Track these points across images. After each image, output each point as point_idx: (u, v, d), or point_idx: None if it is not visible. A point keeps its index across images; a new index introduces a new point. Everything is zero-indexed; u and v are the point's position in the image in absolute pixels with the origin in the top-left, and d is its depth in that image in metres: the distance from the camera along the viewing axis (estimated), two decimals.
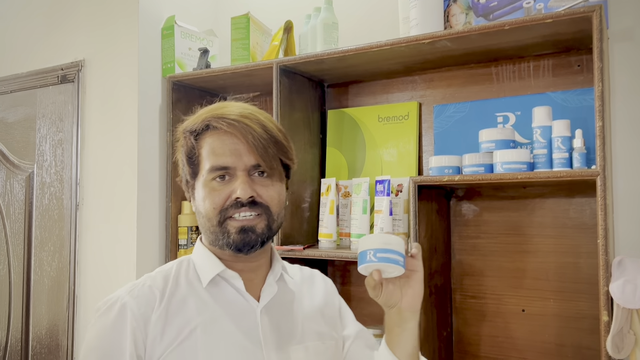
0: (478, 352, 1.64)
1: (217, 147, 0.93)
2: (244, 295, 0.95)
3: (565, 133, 1.31)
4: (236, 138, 0.92)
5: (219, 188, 0.92)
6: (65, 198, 1.99)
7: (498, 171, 1.35)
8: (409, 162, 1.73)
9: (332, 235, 1.65)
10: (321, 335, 1.02)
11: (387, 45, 1.50)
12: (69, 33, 2.03)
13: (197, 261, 0.98)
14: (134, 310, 0.88)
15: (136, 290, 0.91)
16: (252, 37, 1.83)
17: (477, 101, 1.64)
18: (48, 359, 1.98)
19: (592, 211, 1.50)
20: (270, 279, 1.00)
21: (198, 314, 0.91)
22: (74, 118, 1.98)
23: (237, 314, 0.94)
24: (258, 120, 0.94)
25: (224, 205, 0.92)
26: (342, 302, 1.13)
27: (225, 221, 0.92)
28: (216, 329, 0.90)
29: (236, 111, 0.94)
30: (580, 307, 1.50)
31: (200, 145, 0.95)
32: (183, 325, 0.89)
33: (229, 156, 0.92)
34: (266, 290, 0.98)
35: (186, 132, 0.97)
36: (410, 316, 0.94)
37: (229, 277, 0.96)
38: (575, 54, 1.53)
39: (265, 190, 0.94)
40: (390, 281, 0.93)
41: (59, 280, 1.98)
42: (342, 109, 1.88)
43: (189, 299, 0.92)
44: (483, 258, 1.64)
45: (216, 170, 0.92)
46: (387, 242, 0.87)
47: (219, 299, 0.94)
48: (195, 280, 0.95)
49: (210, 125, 0.94)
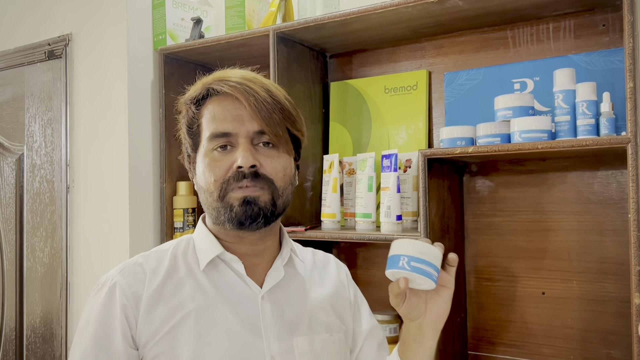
0: (494, 339, 1.53)
1: (217, 113, 0.86)
2: (245, 279, 0.88)
3: (591, 97, 1.18)
4: (239, 102, 0.84)
5: (219, 158, 0.85)
6: (56, 180, 1.89)
7: (516, 141, 1.22)
8: (418, 136, 1.61)
9: (335, 215, 1.54)
10: (329, 326, 0.93)
11: (392, 6, 1.37)
12: (55, 5, 1.91)
13: (197, 242, 0.92)
14: (124, 288, 0.84)
15: (127, 268, 0.87)
16: (247, 4, 1.71)
17: (491, 67, 1.50)
18: (43, 348, 1.90)
19: (619, 184, 1.37)
20: (277, 263, 0.92)
21: (193, 299, 0.85)
22: (63, 96, 1.87)
23: (236, 300, 0.86)
24: (262, 84, 0.86)
25: (225, 177, 0.83)
26: (357, 293, 1.05)
27: (227, 195, 0.84)
28: (211, 316, 0.83)
29: (238, 74, 0.87)
30: (606, 289, 1.38)
31: (201, 114, 0.88)
32: (176, 308, 0.84)
33: (230, 122, 0.84)
34: (271, 275, 0.90)
35: (187, 101, 0.90)
36: (430, 334, 0.85)
37: (228, 260, 0.89)
38: (600, 12, 1.39)
39: (269, 162, 0.85)
40: (415, 293, 0.84)
41: (51, 266, 1.89)
42: (345, 80, 1.76)
43: (185, 281, 0.87)
44: (499, 238, 1.52)
45: (216, 138, 0.85)
46: (424, 252, 0.80)
47: (217, 284, 0.87)
48: (194, 263, 0.90)
49: (211, 89, 0.86)
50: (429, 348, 0.86)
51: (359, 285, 1.70)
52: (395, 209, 1.40)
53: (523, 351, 1.49)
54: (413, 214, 1.50)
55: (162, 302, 0.84)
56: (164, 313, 0.83)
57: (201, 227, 0.93)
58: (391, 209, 1.41)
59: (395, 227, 1.41)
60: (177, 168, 1.83)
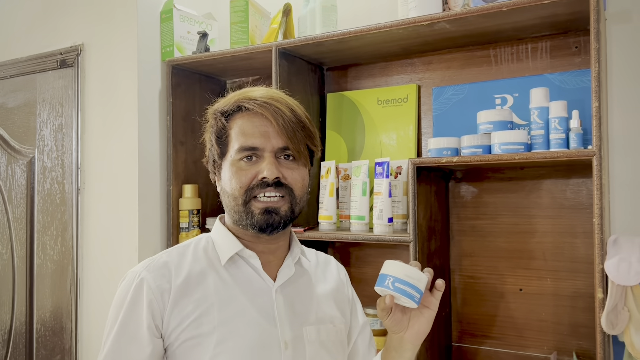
0: (477, 331, 1.67)
1: (246, 128, 0.95)
2: (261, 274, 0.99)
3: (562, 114, 1.32)
4: (266, 120, 0.95)
5: (245, 168, 0.95)
6: (66, 182, 2.00)
7: (496, 152, 1.36)
8: (408, 145, 1.74)
9: (332, 217, 1.67)
10: (332, 318, 1.05)
11: (385, 28, 1.51)
12: (68, 17, 2.03)
13: (216, 240, 1.02)
14: (150, 284, 0.93)
15: (152, 265, 0.96)
16: (251, 20, 1.83)
17: (475, 83, 1.65)
18: (52, 340, 2.01)
19: (588, 191, 1.52)
20: (288, 261, 1.03)
21: (216, 291, 0.94)
22: (74, 103, 1.98)
23: (254, 292, 0.97)
24: (287, 104, 0.97)
25: (250, 185, 0.94)
26: (354, 292, 1.17)
27: (250, 201, 0.95)
28: (233, 306, 0.94)
29: (266, 94, 0.98)
30: (576, 286, 1.53)
31: (230, 126, 0.97)
32: (201, 299, 0.93)
33: (258, 137, 0.94)
34: (283, 271, 1.01)
35: (217, 112, 1.00)
36: (409, 347, 0.96)
37: (247, 257, 0.99)
38: (572, 35, 1.54)
39: (290, 173, 0.96)
40: (401, 309, 0.94)
41: (62, 263, 2.00)
42: (341, 92, 1.89)
43: (208, 275, 0.96)
44: (481, 239, 1.66)
45: (244, 151, 0.95)
46: (409, 275, 0.88)
47: (236, 277, 0.97)
48: (215, 258, 0.99)
49: (242, 107, 0.97)
50: (407, 359, 0.97)
51: (352, 282, 1.84)
52: (386, 212, 1.54)
53: (502, 342, 1.63)
54: (403, 217, 1.63)
55: (188, 294, 0.93)
56: (190, 303, 0.92)
57: (220, 227, 1.03)
58: (383, 212, 1.54)
59: (387, 229, 1.54)
60: (183, 171, 1.95)
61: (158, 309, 0.92)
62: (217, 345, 0.90)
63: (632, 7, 1.48)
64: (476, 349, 1.67)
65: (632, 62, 1.49)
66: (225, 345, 0.90)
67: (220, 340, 0.90)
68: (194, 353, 0.90)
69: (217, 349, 0.90)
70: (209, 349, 0.90)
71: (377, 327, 1.66)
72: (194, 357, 0.90)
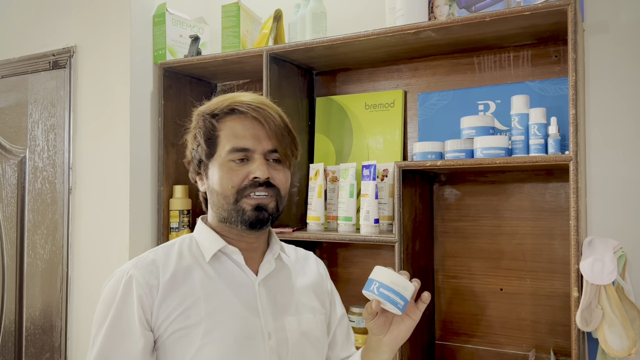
0: (459, 330, 1.72)
1: (239, 130, 1.00)
2: (244, 269, 1.04)
3: (541, 120, 1.38)
4: (258, 123, 1.00)
5: (236, 168, 1.00)
6: (58, 182, 2.03)
7: (478, 156, 1.42)
8: (394, 148, 1.80)
9: (320, 218, 1.72)
10: (313, 309, 1.11)
11: (373, 35, 1.56)
12: (61, 19, 2.05)
13: (199, 239, 1.06)
14: (139, 280, 0.97)
15: (140, 263, 1.00)
16: (242, 25, 1.87)
17: (459, 89, 1.70)
18: (42, 339, 2.03)
19: (566, 195, 1.58)
20: (268, 256, 1.08)
21: (202, 285, 0.99)
22: (66, 103, 2.01)
23: (237, 286, 1.02)
24: (276, 110, 1.04)
25: (241, 185, 0.99)
26: (333, 285, 1.23)
27: (241, 200, 1.00)
28: (218, 299, 0.99)
29: (257, 99, 1.04)
30: (554, 286, 1.59)
31: (220, 128, 1.02)
32: (188, 293, 0.97)
33: (249, 139, 1.00)
34: (264, 266, 1.06)
35: (205, 114, 1.04)
36: (386, 350, 1.03)
37: (230, 253, 1.04)
38: (552, 45, 1.60)
39: (277, 174, 1.02)
40: (384, 314, 1.01)
41: (52, 262, 2.02)
42: (330, 96, 1.94)
43: (193, 271, 1.01)
44: (464, 240, 1.72)
45: (236, 152, 1.00)
46: (395, 282, 0.93)
47: (221, 272, 1.02)
48: (199, 256, 1.04)
49: (235, 109, 1.01)
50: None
51: (339, 282, 1.89)
52: (373, 214, 1.59)
53: (483, 340, 1.69)
54: (389, 218, 1.68)
55: (175, 289, 0.97)
56: (178, 297, 0.97)
57: (203, 226, 1.08)
58: (370, 213, 1.59)
59: (373, 230, 1.59)
60: (174, 172, 1.98)
61: (148, 303, 0.96)
62: (204, 336, 0.95)
63: (609, 18, 1.55)
64: (458, 347, 1.72)
65: (609, 71, 1.55)
66: (212, 335, 0.95)
67: (207, 331, 0.95)
68: (182, 343, 0.95)
69: (205, 339, 0.95)
70: (196, 340, 0.95)
71: (362, 325, 1.71)
72: (182, 348, 0.95)
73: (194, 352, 0.94)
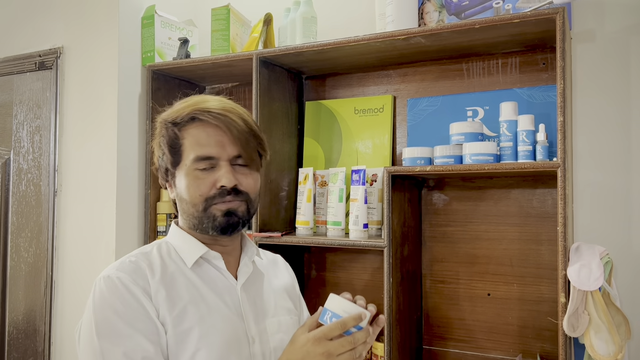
0: (446, 334, 1.73)
1: (202, 138, 0.99)
2: (225, 274, 1.04)
3: (529, 127, 1.40)
4: (221, 130, 0.99)
5: (202, 177, 0.98)
6: (43, 184, 2.00)
7: (467, 162, 1.43)
8: (383, 153, 1.80)
9: (309, 222, 1.71)
10: (289, 310, 1.12)
11: (363, 40, 1.56)
12: (48, 19, 2.03)
13: (176, 244, 1.04)
14: (130, 280, 0.94)
15: (123, 266, 0.96)
16: (232, 29, 1.87)
17: (448, 95, 1.71)
18: (25, 343, 2.00)
19: (553, 201, 1.60)
20: (245, 260, 1.08)
21: (188, 291, 0.98)
22: (52, 105, 1.99)
23: (220, 290, 1.01)
24: (239, 114, 1.02)
25: (209, 193, 0.98)
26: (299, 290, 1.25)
27: (210, 207, 0.99)
28: (206, 304, 0.98)
29: (219, 105, 1.02)
30: (541, 291, 1.60)
31: (183, 136, 1.00)
32: (176, 299, 0.96)
33: (214, 147, 0.99)
34: (243, 270, 1.06)
35: (167, 122, 1.02)
36: None
37: (211, 258, 1.03)
38: (540, 52, 1.62)
39: (245, 179, 1.01)
40: None
41: (36, 266, 1.99)
42: (319, 100, 1.94)
43: (177, 277, 0.99)
44: (452, 245, 1.73)
45: (201, 160, 0.98)
46: (347, 312, 0.91)
47: (203, 278, 1.01)
48: (179, 261, 1.02)
49: (196, 118, 1.00)
50: None
51: (327, 286, 1.89)
52: (362, 218, 1.59)
53: (471, 345, 1.69)
54: (378, 223, 1.68)
55: (165, 292, 0.95)
56: (167, 303, 0.95)
57: (179, 231, 1.06)
58: (359, 218, 1.59)
59: (362, 234, 1.59)
60: None
61: (149, 296, 0.93)
62: (198, 341, 0.94)
63: (596, 27, 1.57)
64: (445, 352, 1.73)
65: (596, 79, 1.57)
66: (206, 340, 0.95)
67: (201, 336, 0.94)
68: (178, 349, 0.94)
69: (199, 344, 0.94)
70: (191, 345, 0.94)
71: None
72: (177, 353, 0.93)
73: (188, 357, 0.93)
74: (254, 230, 1.69)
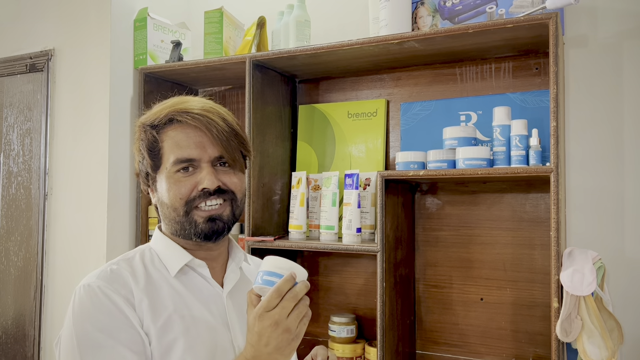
0: (439, 339, 1.72)
1: (181, 140, 0.96)
2: (210, 282, 1.00)
3: (522, 132, 1.40)
4: (200, 131, 0.96)
5: (183, 179, 0.95)
6: (33, 188, 1.98)
7: (460, 167, 1.43)
8: (376, 157, 1.80)
9: (302, 226, 1.71)
10: None
11: (357, 44, 1.56)
12: (39, 21, 2.01)
13: (160, 251, 1.01)
14: (111, 289, 0.90)
15: (104, 274, 0.93)
16: (225, 32, 1.86)
17: (441, 100, 1.71)
18: (14, 348, 1.98)
19: (546, 206, 1.60)
20: (232, 266, 1.05)
21: (173, 301, 0.94)
22: (43, 107, 1.97)
23: (206, 299, 0.98)
24: (219, 114, 0.99)
25: (190, 196, 0.95)
26: None
27: (191, 211, 0.96)
28: (192, 314, 0.95)
29: (198, 105, 0.99)
30: (534, 296, 1.60)
31: (162, 139, 0.97)
32: (161, 309, 0.92)
33: (194, 148, 0.96)
34: (229, 277, 1.03)
35: (146, 126, 0.99)
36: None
37: (195, 266, 1.00)
38: (533, 57, 1.62)
39: (228, 178, 0.98)
40: None
41: (26, 270, 1.97)
42: (312, 104, 1.94)
43: (161, 286, 0.95)
44: (445, 249, 1.72)
45: (181, 163, 0.95)
46: (279, 266, 0.87)
47: (188, 286, 0.98)
48: (163, 269, 0.98)
49: (175, 119, 0.97)
50: None
51: (320, 290, 1.88)
52: (355, 223, 1.58)
53: (464, 350, 1.69)
54: (371, 227, 1.68)
55: (149, 302, 0.92)
56: (151, 311, 0.91)
57: (162, 237, 1.02)
58: (352, 222, 1.58)
59: (355, 239, 1.58)
60: None
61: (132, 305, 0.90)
62: (184, 352, 0.91)
63: (588, 32, 1.58)
64: (439, 357, 1.72)
65: (588, 83, 1.58)
66: (192, 351, 0.92)
67: (187, 347, 0.91)
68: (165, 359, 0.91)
69: (185, 355, 0.91)
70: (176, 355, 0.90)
71: (342, 334, 1.70)
72: None
73: None
74: (247, 235, 1.68)
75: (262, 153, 1.75)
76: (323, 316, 1.88)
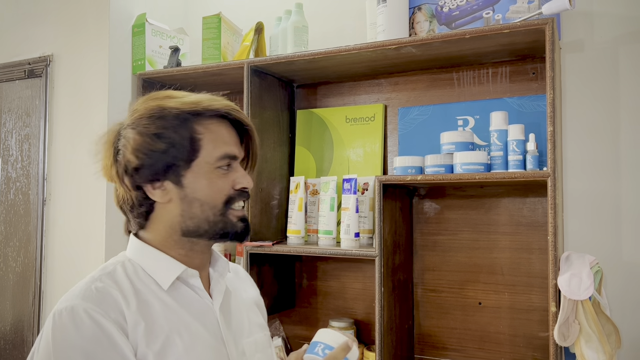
0: (438, 343, 1.72)
1: (225, 136, 0.92)
2: (201, 293, 0.93)
3: (519, 136, 1.40)
4: (232, 129, 0.95)
5: (224, 176, 0.92)
6: (32, 193, 1.98)
7: (457, 171, 1.43)
8: (374, 162, 1.80)
9: (300, 231, 1.71)
10: (261, 326, 1.05)
11: (355, 50, 1.57)
12: (37, 27, 2.02)
13: (144, 263, 0.91)
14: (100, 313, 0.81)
15: (89, 293, 0.83)
16: (223, 37, 1.87)
17: (439, 105, 1.72)
18: (12, 354, 1.97)
19: (543, 210, 1.60)
20: (215, 276, 0.98)
21: (167, 319, 0.87)
22: (42, 113, 1.97)
23: (198, 313, 0.92)
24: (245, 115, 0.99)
25: (230, 193, 0.92)
26: None
27: (227, 211, 0.92)
28: (189, 332, 0.88)
29: (229, 103, 0.95)
30: (531, 300, 1.60)
31: (201, 131, 0.90)
32: (157, 330, 0.85)
33: (234, 145, 0.93)
34: (216, 288, 0.97)
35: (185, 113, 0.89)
36: None
37: (187, 277, 0.93)
38: (530, 62, 1.63)
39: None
40: None
41: (24, 275, 1.97)
42: (310, 109, 1.94)
43: (153, 302, 0.87)
44: (443, 254, 1.73)
45: (226, 158, 0.91)
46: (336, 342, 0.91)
47: (179, 301, 0.90)
48: (151, 283, 0.89)
49: (230, 114, 0.93)
50: None
51: (318, 295, 1.88)
52: (353, 227, 1.59)
53: (462, 354, 1.69)
54: (369, 232, 1.68)
55: (145, 325, 0.84)
56: (147, 335, 0.83)
57: (145, 247, 0.92)
58: (350, 227, 1.59)
59: (354, 244, 1.59)
60: None
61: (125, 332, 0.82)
62: None
63: (585, 37, 1.59)
64: None
65: (585, 88, 1.58)
66: None
67: None
68: None
69: None
70: None
71: None
72: None
73: None
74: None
75: (261, 158, 1.76)
76: (321, 321, 1.88)
